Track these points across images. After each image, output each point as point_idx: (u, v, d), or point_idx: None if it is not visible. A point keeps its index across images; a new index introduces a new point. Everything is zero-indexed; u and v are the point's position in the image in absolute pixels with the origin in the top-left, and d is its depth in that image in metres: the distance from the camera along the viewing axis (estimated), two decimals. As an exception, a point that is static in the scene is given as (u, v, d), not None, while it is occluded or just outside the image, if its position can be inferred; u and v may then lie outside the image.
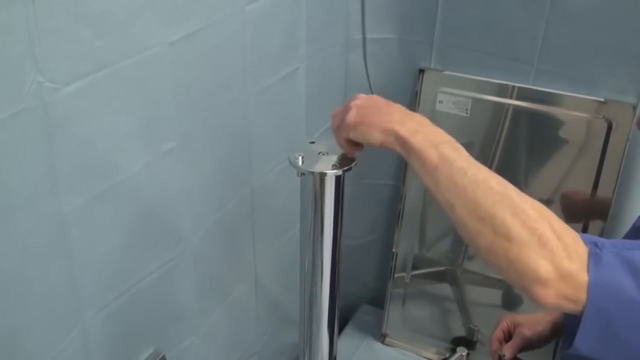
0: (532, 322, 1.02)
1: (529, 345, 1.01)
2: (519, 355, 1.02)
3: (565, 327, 0.93)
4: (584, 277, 0.62)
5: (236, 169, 1.11)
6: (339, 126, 0.79)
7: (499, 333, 1.04)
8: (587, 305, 0.62)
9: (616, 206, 1.28)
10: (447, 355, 1.49)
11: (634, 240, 0.66)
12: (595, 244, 0.64)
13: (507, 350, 1.01)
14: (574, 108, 1.28)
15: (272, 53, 1.12)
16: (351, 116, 0.76)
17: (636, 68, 1.20)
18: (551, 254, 0.63)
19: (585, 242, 0.64)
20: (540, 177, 1.36)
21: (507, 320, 1.04)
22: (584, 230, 1.32)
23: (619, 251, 0.63)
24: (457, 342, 1.51)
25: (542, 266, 0.63)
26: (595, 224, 1.31)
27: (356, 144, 0.80)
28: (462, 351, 1.38)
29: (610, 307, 0.62)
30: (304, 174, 0.83)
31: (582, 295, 0.62)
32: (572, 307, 0.64)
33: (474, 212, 0.67)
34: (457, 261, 1.49)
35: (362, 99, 0.79)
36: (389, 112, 0.76)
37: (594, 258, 0.63)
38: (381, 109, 0.77)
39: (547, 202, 1.34)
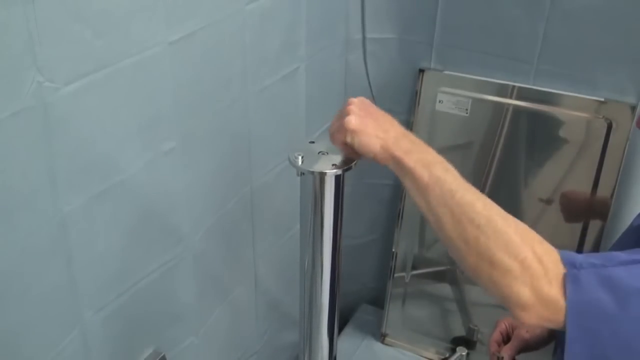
0: None
1: (527, 347, 1.01)
2: (517, 357, 1.02)
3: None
4: (563, 301, 0.64)
5: (236, 169, 1.11)
6: (338, 129, 0.79)
7: (497, 335, 1.04)
8: (569, 327, 0.64)
9: (616, 206, 1.28)
10: (447, 355, 1.49)
11: (613, 256, 0.66)
12: (574, 265, 0.65)
13: (505, 353, 1.01)
14: (574, 108, 1.28)
15: (272, 53, 1.12)
16: (351, 120, 0.77)
17: (636, 68, 1.20)
18: (532, 279, 0.65)
19: (564, 262, 0.65)
20: (540, 177, 1.36)
21: (505, 322, 1.05)
22: (584, 230, 1.32)
23: (597, 270, 0.64)
24: (457, 342, 1.51)
25: (523, 293, 0.65)
26: (595, 224, 1.31)
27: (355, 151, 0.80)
28: (462, 351, 1.38)
29: (593, 326, 0.63)
30: (303, 173, 0.83)
31: (562, 318, 0.64)
32: (554, 326, 0.66)
33: (461, 234, 0.69)
34: (457, 261, 1.49)
35: (357, 106, 0.79)
36: (386, 129, 0.77)
37: (573, 279, 0.64)
38: (378, 120, 0.78)
39: (547, 202, 1.35)
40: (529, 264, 0.65)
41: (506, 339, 1.04)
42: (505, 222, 0.68)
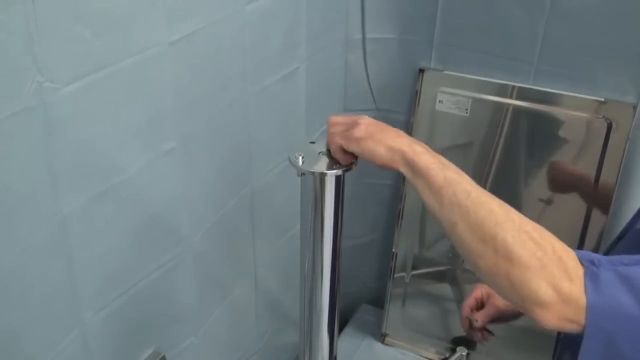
0: None
1: (501, 317, 1.01)
2: (488, 327, 1.02)
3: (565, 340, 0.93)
4: (584, 299, 0.63)
5: (236, 169, 1.11)
6: (344, 136, 0.80)
7: (471, 301, 1.04)
8: (587, 326, 0.62)
9: (616, 206, 1.28)
10: (447, 355, 1.49)
11: (631, 256, 0.66)
12: (592, 262, 0.64)
13: (479, 317, 1.01)
14: (574, 108, 1.28)
15: (272, 53, 1.12)
16: (360, 130, 0.78)
17: (636, 68, 1.20)
18: (552, 276, 0.63)
19: (582, 261, 0.65)
20: (540, 177, 1.36)
21: (481, 289, 1.05)
22: (584, 230, 1.32)
23: (616, 268, 0.63)
24: (457, 342, 1.51)
25: (543, 289, 0.63)
26: (595, 224, 1.31)
27: (350, 154, 0.81)
28: (462, 351, 1.38)
29: (611, 326, 0.62)
30: (304, 174, 0.83)
31: (582, 316, 0.63)
32: (575, 328, 0.64)
33: (476, 233, 0.68)
34: (457, 261, 1.49)
35: (369, 119, 0.81)
36: (397, 135, 0.78)
37: (592, 277, 0.63)
38: (388, 131, 0.79)
39: (547, 202, 1.35)
40: (548, 261, 0.64)
41: (480, 306, 1.04)
42: (522, 220, 0.68)
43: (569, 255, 0.65)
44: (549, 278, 0.63)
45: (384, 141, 0.76)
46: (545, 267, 0.64)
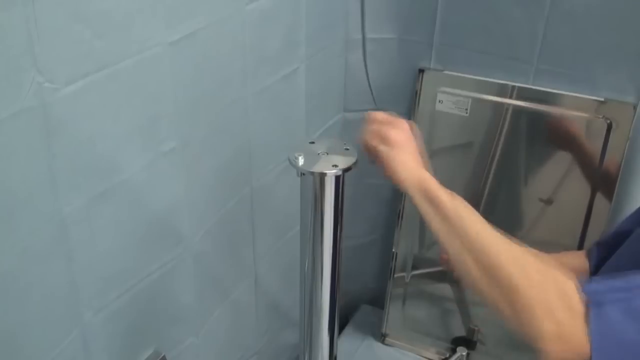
0: None
1: None
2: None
3: None
4: (588, 332, 0.63)
5: (236, 169, 1.11)
6: (380, 136, 0.81)
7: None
8: (593, 357, 0.63)
9: (615, 206, 1.28)
10: (447, 355, 1.49)
11: (635, 277, 0.66)
12: (596, 297, 0.64)
13: None
14: (574, 108, 1.28)
15: (272, 53, 1.12)
16: (399, 135, 0.80)
17: (636, 68, 1.20)
18: (554, 312, 0.64)
19: (584, 290, 0.65)
20: (540, 177, 1.36)
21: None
22: (584, 231, 1.32)
23: (622, 304, 0.64)
24: (457, 342, 1.51)
25: (546, 327, 0.64)
26: (595, 223, 1.31)
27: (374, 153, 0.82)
28: (462, 351, 1.38)
29: (616, 355, 0.63)
30: (304, 174, 0.83)
31: (586, 349, 0.63)
32: (579, 359, 0.64)
33: (481, 261, 0.70)
34: (457, 261, 1.49)
35: (407, 127, 0.82)
36: (416, 155, 0.80)
37: (595, 306, 0.64)
38: (414, 147, 0.81)
39: (547, 202, 1.35)
40: (551, 295, 0.65)
41: None
42: (524, 252, 0.70)
43: (570, 286, 0.65)
44: (551, 313, 0.64)
45: (408, 160, 0.79)
46: (548, 301, 0.65)
